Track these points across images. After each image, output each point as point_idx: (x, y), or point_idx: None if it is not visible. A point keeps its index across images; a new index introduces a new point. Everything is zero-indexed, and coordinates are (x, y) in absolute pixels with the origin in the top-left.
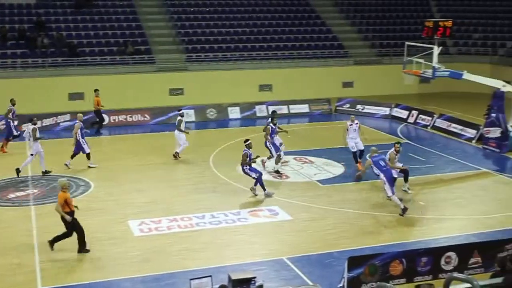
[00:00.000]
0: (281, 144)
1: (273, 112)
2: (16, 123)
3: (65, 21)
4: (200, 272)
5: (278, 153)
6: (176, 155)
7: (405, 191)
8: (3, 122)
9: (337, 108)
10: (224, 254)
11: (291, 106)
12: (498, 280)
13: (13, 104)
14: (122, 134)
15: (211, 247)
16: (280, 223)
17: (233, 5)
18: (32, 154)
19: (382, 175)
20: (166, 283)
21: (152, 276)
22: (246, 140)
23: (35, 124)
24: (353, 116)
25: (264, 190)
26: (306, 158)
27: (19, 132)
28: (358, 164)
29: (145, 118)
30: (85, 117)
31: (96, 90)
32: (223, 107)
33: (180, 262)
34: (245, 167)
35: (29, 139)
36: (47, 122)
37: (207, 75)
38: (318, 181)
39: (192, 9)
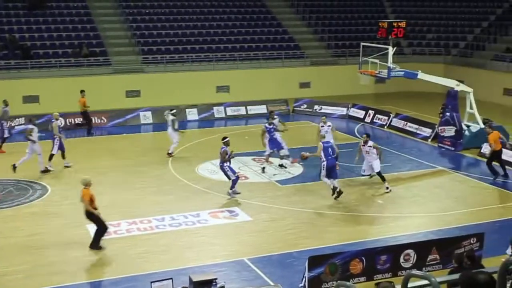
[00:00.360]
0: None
1: (270, 112)
2: (8, 124)
3: (18, 23)
4: (161, 274)
5: (267, 154)
6: (169, 155)
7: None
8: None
9: (295, 108)
10: (185, 256)
11: (248, 107)
12: (456, 276)
13: (6, 105)
14: (78, 137)
15: (172, 249)
16: (240, 224)
17: (188, 6)
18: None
19: (324, 162)
20: (126, 286)
21: (112, 280)
22: (224, 138)
23: (34, 124)
24: (324, 117)
25: (233, 187)
26: (265, 159)
27: (11, 132)
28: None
29: (102, 121)
30: (41, 120)
31: (82, 91)
32: (181, 108)
33: (140, 265)
34: (224, 165)
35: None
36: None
37: (163, 77)
38: (277, 181)
39: (147, 11)
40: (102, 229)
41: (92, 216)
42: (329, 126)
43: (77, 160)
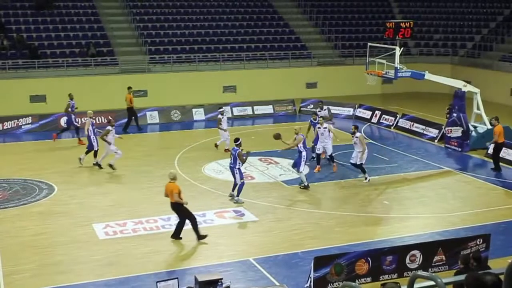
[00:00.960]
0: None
1: (319, 102)
2: (74, 116)
3: (26, 23)
4: (166, 274)
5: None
6: (226, 150)
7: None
8: (65, 117)
9: (301, 108)
10: (190, 256)
11: (255, 107)
12: (462, 277)
13: (71, 99)
14: (85, 137)
15: (177, 249)
16: (246, 224)
17: (195, 6)
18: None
19: (304, 153)
20: (132, 286)
21: (118, 279)
22: (237, 139)
23: (112, 126)
24: (321, 119)
25: (238, 195)
26: (271, 159)
27: (78, 124)
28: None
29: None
30: (47, 120)
31: (129, 88)
32: (188, 108)
33: (146, 264)
34: (236, 167)
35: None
36: (8, 125)
37: (170, 76)
38: (283, 181)
39: (154, 10)
40: (186, 221)
41: (180, 207)
42: (325, 128)
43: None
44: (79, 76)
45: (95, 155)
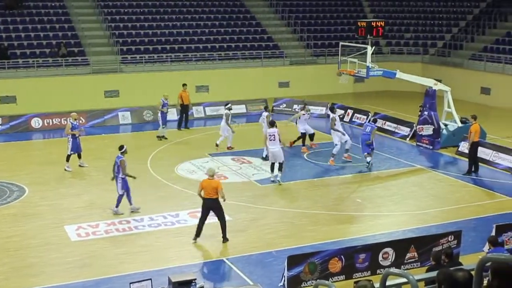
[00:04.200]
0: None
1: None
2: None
3: None
4: (139, 275)
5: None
6: (230, 148)
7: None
8: (158, 114)
9: (274, 108)
10: (164, 257)
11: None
12: (433, 274)
13: (166, 99)
14: (56, 138)
15: (151, 250)
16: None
17: (167, 6)
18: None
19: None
20: (105, 287)
21: (91, 281)
22: (121, 147)
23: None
24: (307, 107)
25: (117, 206)
26: (244, 159)
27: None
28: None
29: (80, 121)
30: (18, 121)
31: (184, 85)
32: (160, 108)
33: (119, 266)
34: (119, 176)
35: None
36: None
37: (142, 76)
38: (256, 181)
39: (125, 10)
40: (225, 221)
41: (220, 204)
42: (309, 114)
43: (55, 160)
44: (49, 77)
45: (67, 158)
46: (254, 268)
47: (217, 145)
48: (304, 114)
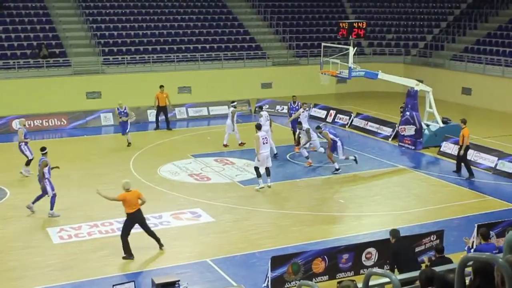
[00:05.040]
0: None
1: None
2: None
3: None
4: (122, 277)
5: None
6: (241, 144)
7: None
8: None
9: (257, 109)
10: (147, 259)
11: (210, 108)
12: (415, 273)
13: (121, 107)
14: (38, 140)
15: (134, 251)
16: (203, 225)
17: (149, 7)
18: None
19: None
20: None
21: (73, 284)
22: (43, 148)
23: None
24: (306, 104)
25: (51, 208)
26: (227, 160)
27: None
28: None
29: (62, 123)
30: None
31: (161, 86)
32: (142, 110)
33: (102, 268)
34: (46, 175)
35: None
36: None
37: (124, 78)
38: (239, 182)
39: (107, 11)
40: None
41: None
42: (308, 110)
43: (35, 163)
44: (30, 78)
45: (27, 163)
46: (238, 269)
47: (225, 146)
48: (303, 112)
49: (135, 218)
